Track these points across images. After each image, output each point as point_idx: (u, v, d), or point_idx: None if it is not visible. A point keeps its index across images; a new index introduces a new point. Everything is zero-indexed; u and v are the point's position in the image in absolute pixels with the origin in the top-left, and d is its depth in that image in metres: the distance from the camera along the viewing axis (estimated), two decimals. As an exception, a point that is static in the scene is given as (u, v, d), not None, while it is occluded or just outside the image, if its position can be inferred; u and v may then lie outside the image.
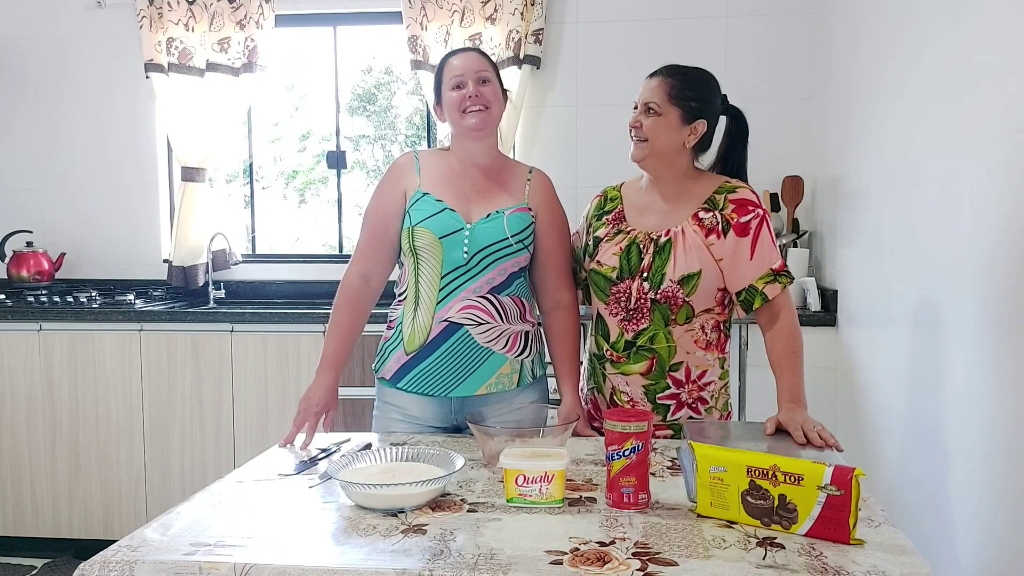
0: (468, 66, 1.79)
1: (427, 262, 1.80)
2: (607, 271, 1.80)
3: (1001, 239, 1.72)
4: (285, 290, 3.79)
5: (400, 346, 1.83)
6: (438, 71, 1.84)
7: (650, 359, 1.77)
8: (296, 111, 4.62)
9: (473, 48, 1.89)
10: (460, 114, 1.79)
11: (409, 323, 1.82)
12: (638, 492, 1.33)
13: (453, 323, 1.78)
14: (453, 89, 1.79)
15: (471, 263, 1.78)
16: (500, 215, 1.81)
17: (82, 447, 3.27)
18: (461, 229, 1.78)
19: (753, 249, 1.73)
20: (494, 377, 1.81)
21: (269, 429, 3.17)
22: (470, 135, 1.81)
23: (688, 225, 1.75)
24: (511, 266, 1.81)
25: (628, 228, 1.82)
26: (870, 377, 2.59)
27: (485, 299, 1.79)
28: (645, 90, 1.77)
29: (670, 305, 1.74)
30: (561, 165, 3.58)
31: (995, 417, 1.74)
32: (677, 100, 1.74)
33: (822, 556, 1.12)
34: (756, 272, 1.73)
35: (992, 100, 1.77)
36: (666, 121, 1.74)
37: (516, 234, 1.80)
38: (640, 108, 1.77)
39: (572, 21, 3.56)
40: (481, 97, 1.78)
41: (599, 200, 1.93)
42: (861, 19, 2.76)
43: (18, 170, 3.86)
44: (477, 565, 1.10)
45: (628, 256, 1.78)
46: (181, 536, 1.22)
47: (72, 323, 3.25)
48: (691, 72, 1.79)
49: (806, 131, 3.39)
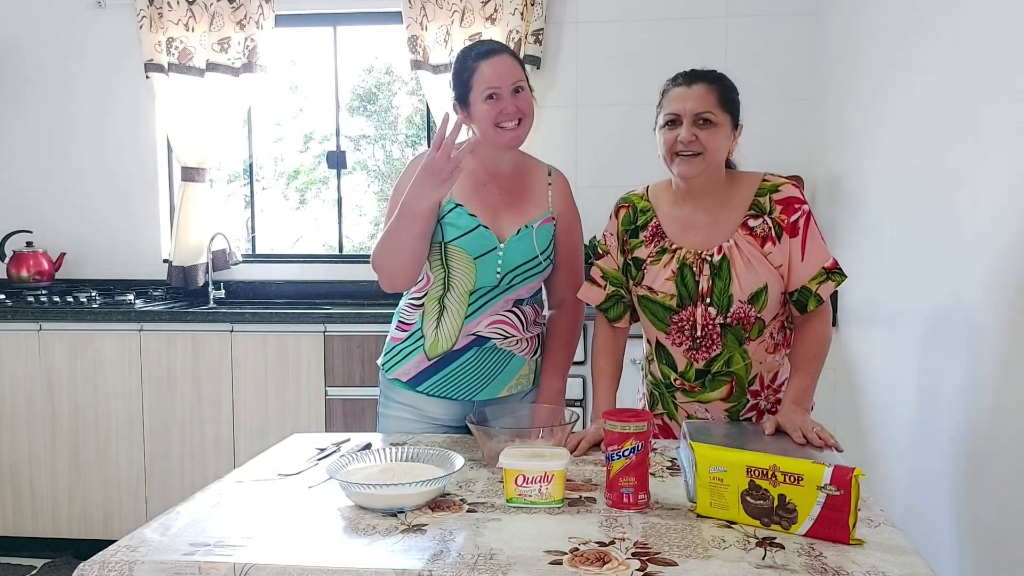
0: (503, 75, 1.69)
1: (458, 279, 1.77)
2: (664, 299, 1.69)
3: (1001, 239, 1.72)
4: (285, 290, 3.79)
5: (420, 351, 1.82)
6: (466, 72, 1.72)
7: (729, 383, 1.70)
8: (300, 112, 4.62)
9: (504, 49, 1.75)
10: (495, 128, 1.71)
11: (432, 331, 1.81)
12: (638, 492, 1.33)
13: (481, 336, 1.80)
14: (486, 100, 1.70)
15: (502, 283, 1.78)
16: (529, 230, 1.78)
17: (82, 447, 3.27)
18: (495, 249, 1.75)
19: (804, 249, 1.64)
20: (515, 379, 1.85)
21: (269, 429, 3.17)
22: (506, 149, 1.76)
23: (740, 237, 1.65)
24: (537, 283, 1.84)
25: (673, 246, 1.70)
26: (870, 377, 2.59)
27: (511, 312, 1.81)
28: (691, 100, 1.61)
29: (743, 325, 1.66)
30: (561, 165, 3.54)
31: (995, 417, 1.74)
32: (727, 106, 1.64)
33: (822, 556, 1.12)
34: (809, 272, 1.64)
35: (992, 100, 1.77)
36: (722, 131, 1.63)
37: (544, 251, 1.80)
38: (689, 120, 1.61)
39: (572, 21, 3.56)
40: (518, 111, 1.71)
41: (627, 212, 1.77)
42: (861, 19, 2.76)
43: (18, 170, 3.86)
44: (477, 565, 1.10)
45: (683, 280, 1.67)
46: (181, 536, 1.22)
47: (72, 323, 3.25)
48: (721, 75, 1.68)
49: (806, 131, 3.39)
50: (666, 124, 1.65)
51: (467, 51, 1.76)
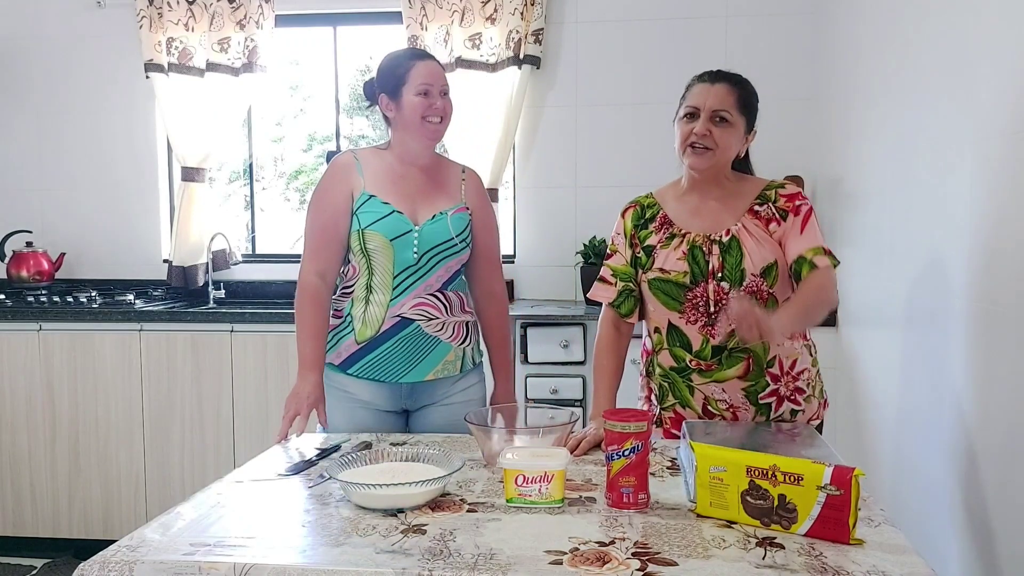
0: (436, 76, 1.89)
1: (379, 263, 1.88)
2: (678, 277, 1.74)
3: (1001, 239, 1.72)
4: (285, 290, 3.78)
5: (350, 336, 1.91)
6: (401, 68, 1.89)
7: (746, 359, 1.72)
8: (301, 112, 4.61)
9: (434, 58, 1.96)
10: (421, 120, 1.88)
11: (360, 316, 1.90)
12: (638, 492, 1.33)
13: (405, 318, 1.88)
14: (417, 94, 1.87)
15: (421, 262, 1.88)
16: (444, 216, 1.92)
17: (82, 447, 3.27)
18: (410, 231, 1.87)
19: (803, 227, 1.72)
20: (440, 364, 1.93)
21: (269, 429, 3.17)
22: (424, 142, 1.92)
23: (747, 220, 1.74)
24: (455, 264, 1.94)
25: (682, 231, 1.77)
26: (870, 377, 2.59)
27: (434, 296, 1.91)
28: (712, 97, 1.70)
29: (755, 300, 1.69)
30: (561, 165, 3.59)
31: (995, 417, 1.74)
32: (745, 109, 1.72)
33: (822, 556, 1.12)
34: (806, 244, 1.70)
35: (992, 99, 1.77)
36: (736, 131, 1.72)
37: (459, 233, 1.92)
38: (707, 115, 1.70)
39: (572, 21, 3.56)
40: (443, 110, 1.90)
41: (635, 211, 1.85)
42: (861, 19, 2.76)
43: (18, 170, 3.86)
44: (477, 565, 1.10)
45: (695, 259, 1.73)
46: (181, 536, 1.22)
47: (72, 323, 3.25)
48: (746, 80, 1.76)
49: (806, 131, 3.38)
50: (685, 116, 1.74)
51: (400, 53, 1.96)
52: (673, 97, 1.82)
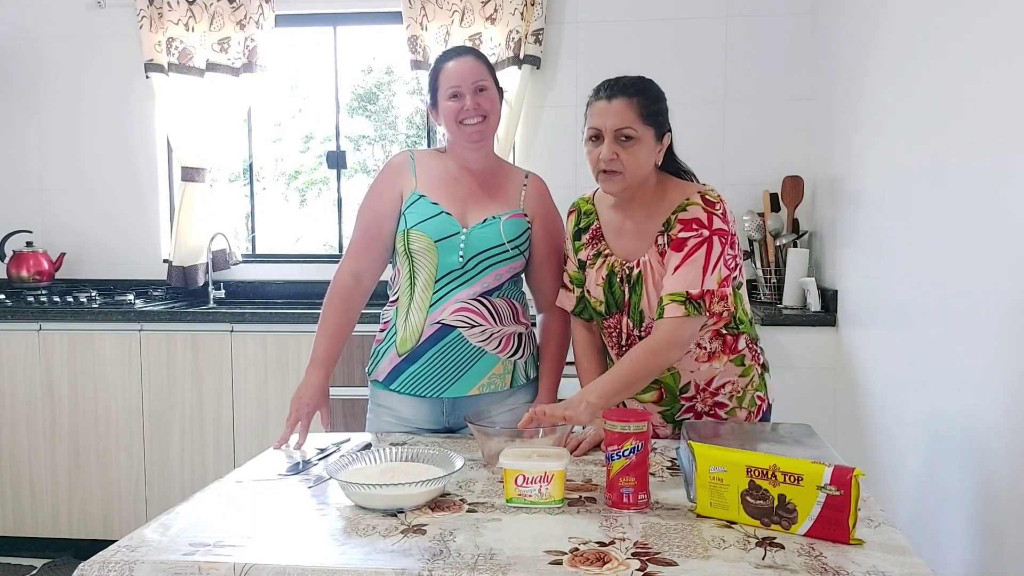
0: (464, 74, 1.77)
1: (422, 265, 1.79)
2: (596, 304, 1.74)
3: (1000, 239, 1.72)
4: (285, 290, 3.79)
5: (392, 348, 1.84)
6: (433, 75, 1.82)
7: (657, 390, 1.73)
8: (300, 112, 4.61)
9: (469, 50, 1.85)
10: (457, 124, 1.78)
11: (402, 325, 1.82)
12: (638, 492, 1.33)
13: (446, 325, 1.78)
14: (450, 99, 1.77)
15: (467, 267, 1.78)
16: (496, 220, 1.81)
17: (82, 447, 3.27)
18: (457, 233, 1.78)
19: (679, 265, 1.60)
20: (486, 378, 1.81)
21: (269, 429, 3.17)
22: (468, 145, 1.81)
23: (652, 252, 1.66)
24: (506, 272, 1.82)
25: (606, 251, 1.73)
26: (870, 377, 2.59)
27: (478, 301, 1.79)
28: (611, 117, 1.59)
29: None
30: (561, 165, 3.58)
31: (994, 417, 1.74)
32: (650, 119, 1.61)
33: (822, 556, 1.12)
34: (672, 286, 1.59)
35: (992, 100, 1.77)
36: (644, 145, 1.60)
37: (512, 240, 1.81)
38: (610, 137, 1.59)
39: (572, 21, 3.56)
40: (479, 108, 1.77)
41: (574, 216, 1.80)
42: (862, 19, 2.76)
43: (18, 170, 3.86)
44: (477, 565, 1.10)
45: (611, 289, 1.71)
46: (180, 536, 1.22)
47: (72, 323, 3.25)
48: (646, 83, 1.65)
49: (806, 131, 3.38)
50: (590, 139, 1.64)
51: (439, 55, 1.85)
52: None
